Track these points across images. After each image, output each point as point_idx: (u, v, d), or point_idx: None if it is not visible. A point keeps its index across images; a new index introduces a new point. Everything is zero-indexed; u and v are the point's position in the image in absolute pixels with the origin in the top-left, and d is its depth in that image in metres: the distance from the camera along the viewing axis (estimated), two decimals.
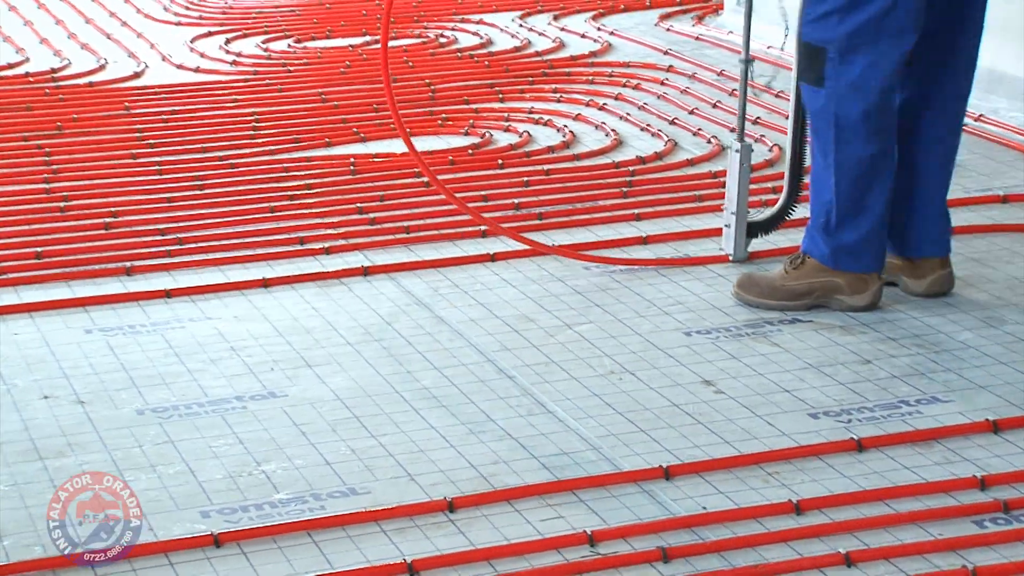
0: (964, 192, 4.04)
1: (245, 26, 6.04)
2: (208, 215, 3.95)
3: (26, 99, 5.00)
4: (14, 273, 3.57)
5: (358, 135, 4.63)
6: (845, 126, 3.24)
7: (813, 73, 3.25)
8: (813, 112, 3.30)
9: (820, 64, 3.23)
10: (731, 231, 3.53)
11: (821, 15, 3.21)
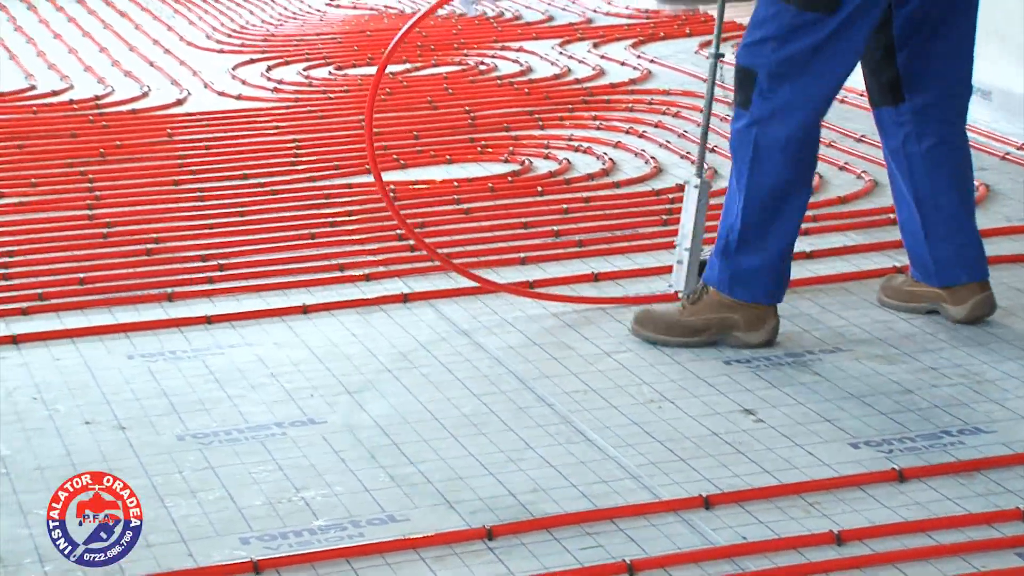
0: (1005, 220, 4.02)
1: (286, 54, 6.07)
2: (249, 242, 3.96)
3: (70, 126, 5.04)
4: (57, 299, 3.59)
5: (398, 162, 4.63)
6: (763, 151, 3.22)
7: (742, 95, 3.24)
8: (734, 132, 3.27)
9: (749, 87, 3.22)
10: (683, 267, 3.41)
11: (758, 40, 3.20)
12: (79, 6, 6.96)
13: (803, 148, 3.23)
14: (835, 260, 3.82)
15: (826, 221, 4.08)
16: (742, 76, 3.23)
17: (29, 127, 5.04)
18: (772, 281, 3.28)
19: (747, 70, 3.21)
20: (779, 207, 3.24)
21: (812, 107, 3.21)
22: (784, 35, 3.15)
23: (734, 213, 3.26)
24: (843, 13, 3.10)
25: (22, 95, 5.46)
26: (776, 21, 3.16)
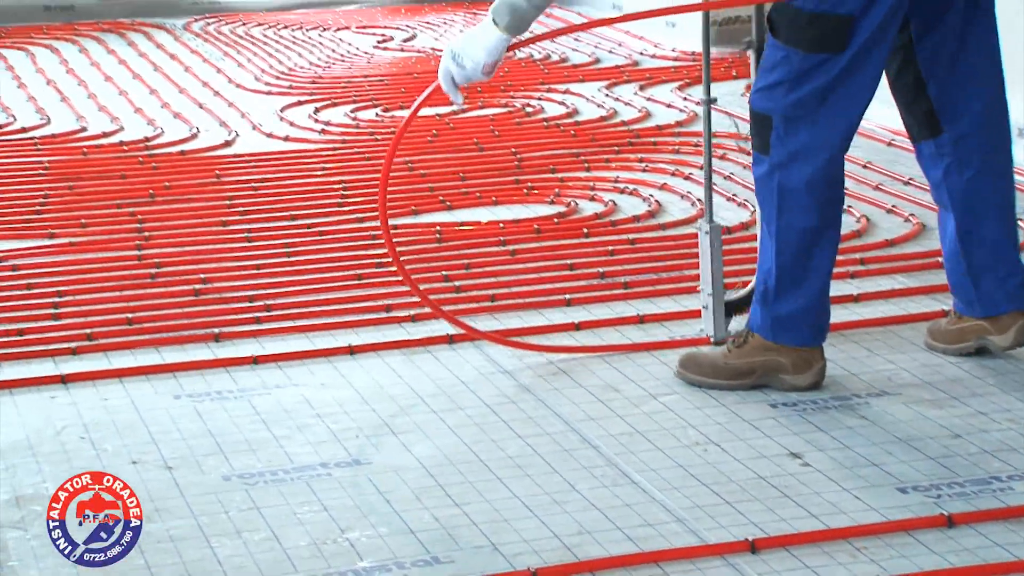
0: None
1: (334, 95, 6.11)
2: (296, 282, 3.98)
3: (120, 167, 5.08)
4: (105, 339, 3.61)
5: (444, 203, 4.65)
6: (788, 195, 3.20)
7: (760, 140, 3.23)
8: (757, 179, 3.27)
9: (766, 132, 3.21)
10: (709, 312, 3.47)
11: (770, 84, 3.19)
12: (130, 49, 7.02)
13: (827, 188, 3.21)
14: (882, 303, 3.80)
15: (873, 264, 4.06)
16: (757, 121, 3.22)
17: (80, 168, 5.08)
18: (814, 322, 3.27)
19: (762, 115, 3.20)
20: (812, 249, 3.23)
21: (831, 147, 3.20)
22: (795, 78, 3.14)
23: (769, 260, 3.25)
24: (852, 50, 3.08)
25: (73, 136, 5.51)
26: (786, 65, 3.14)
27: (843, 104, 3.16)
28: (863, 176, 4.84)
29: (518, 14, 3.12)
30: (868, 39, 3.08)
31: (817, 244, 3.23)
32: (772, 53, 3.18)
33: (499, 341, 3.53)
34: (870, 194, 4.67)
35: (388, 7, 8.05)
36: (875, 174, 4.86)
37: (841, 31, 3.08)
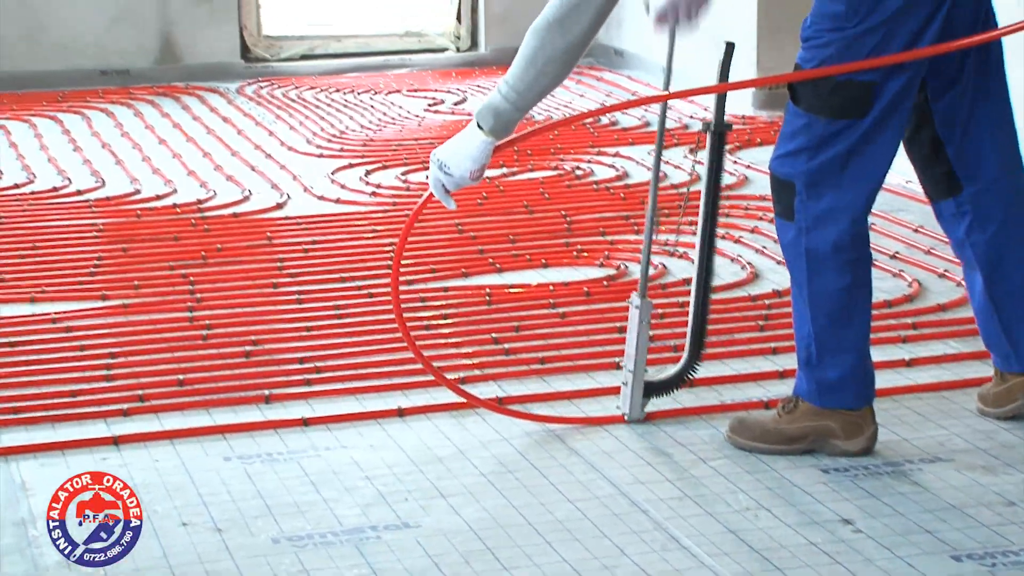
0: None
1: (385, 158, 6.14)
2: (346, 344, 3.99)
3: (173, 230, 5.11)
4: (157, 400, 3.63)
5: (494, 266, 4.66)
6: (816, 259, 3.20)
7: (782, 206, 3.23)
8: (784, 245, 3.26)
9: (789, 197, 3.20)
10: (628, 390, 3.45)
11: (792, 151, 3.19)
12: (184, 112, 7.09)
13: (854, 249, 3.21)
14: (935, 368, 3.79)
15: (925, 329, 4.04)
16: (780, 187, 3.22)
17: (133, 231, 5.12)
18: (859, 383, 3.25)
19: (784, 181, 3.20)
20: (847, 311, 3.22)
21: (855, 209, 3.19)
22: (817, 144, 3.14)
23: (806, 325, 3.24)
24: (873, 115, 3.10)
25: (127, 199, 5.55)
26: (807, 132, 3.15)
27: (866, 167, 3.16)
28: (915, 240, 4.82)
29: (502, 118, 3.20)
30: (889, 103, 3.10)
31: (851, 305, 3.22)
32: (793, 120, 3.18)
33: (494, 409, 3.53)
34: (922, 258, 4.65)
35: (439, 70, 8.10)
36: (926, 238, 4.84)
37: (863, 97, 3.09)
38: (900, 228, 4.98)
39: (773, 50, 6.67)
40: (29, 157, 6.18)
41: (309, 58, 8.09)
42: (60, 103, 7.24)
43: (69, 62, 7.63)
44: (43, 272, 4.66)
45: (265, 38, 8.03)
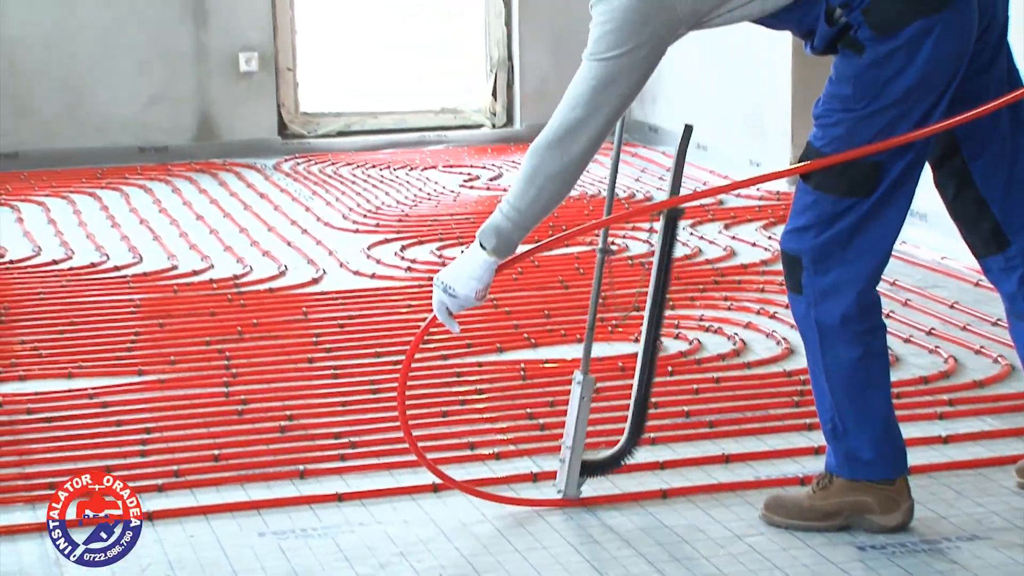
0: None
1: (420, 234, 6.17)
2: (381, 419, 4.00)
3: (209, 305, 5.14)
4: (192, 475, 3.64)
5: (529, 341, 4.67)
6: (826, 332, 3.20)
7: (792, 280, 3.24)
8: (797, 319, 3.27)
9: (798, 272, 3.21)
10: (565, 466, 3.43)
11: (800, 227, 3.20)
12: (221, 188, 7.14)
13: (862, 320, 3.20)
14: (972, 445, 3.76)
15: (962, 405, 4.02)
16: (789, 262, 3.24)
17: (170, 306, 5.15)
18: (888, 454, 3.24)
19: (792, 256, 3.22)
20: (864, 380, 3.22)
21: (860, 283, 3.19)
22: (824, 221, 3.16)
23: (826, 398, 3.24)
24: (879, 192, 3.12)
25: (164, 275, 5.59)
26: (816, 209, 3.17)
27: (870, 242, 3.18)
28: (950, 316, 4.81)
29: (504, 237, 3.25)
30: (894, 181, 3.13)
31: (868, 376, 3.22)
32: (802, 197, 3.20)
33: (473, 493, 3.49)
34: (958, 334, 4.64)
35: (475, 146, 8.15)
36: (962, 314, 4.83)
37: (871, 176, 3.12)
38: (936, 304, 4.96)
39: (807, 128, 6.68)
40: (67, 233, 6.24)
41: (346, 134, 8.16)
42: (99, 180, 7.31)
43: (108, 139, 7.71)
44: (80, 347, 4.69)
45: (302, 115, 8.10)
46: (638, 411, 3.50)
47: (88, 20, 7.60)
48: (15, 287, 5.40)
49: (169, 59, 7.71)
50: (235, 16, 7.77)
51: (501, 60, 8.23)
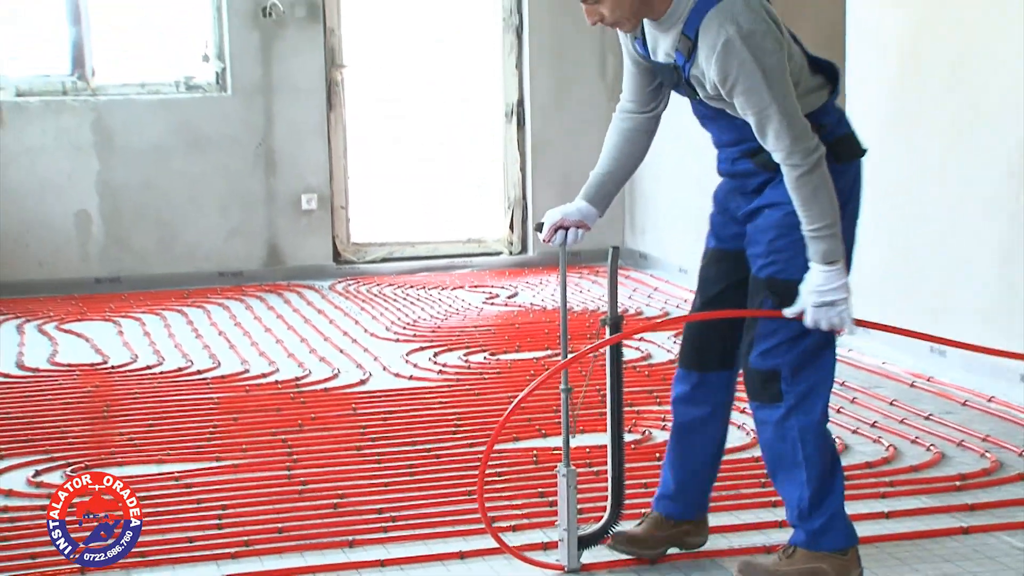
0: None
1: (450, 342, 6.18)
2: (417, 497, 3.99)
3: (275, 403, 5.15)
4: (260, 545, 3.63)
5: (540, 432, 4.66)
6: (809, 430, 3.14)
7: (768, 393, 3.14)
8: (772, 424, 3.16)
9: (776, 384, 3.13)
10: (564, 544, 3.40)
11: (773, 346, 3.12)
12: (286, 305, 7.17)
13: (828, 414, 3.20)
14: (909, 520, 3.75)
15: (901, 486, 4.01)
16: (765, 378, 3.14)
17: (243, 403, 5.16)
18: (847, 525, 3.22)
19: (769, 372, 3.14)
20: (835, 466, 3.20)
21: (832, 380, 3.18)
22: (796, 336, 3.11)
23: (799, 486, 3.18)
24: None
25: (238, 377, 5.61)
26: (787, 327, 3.11)
27: (835, 348, 3.17)
28: (890, 412, 4.80)
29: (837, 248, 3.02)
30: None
31: (835, 460, 3.20)
32: (769, 322, 3.12)
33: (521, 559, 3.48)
34: (896, 427, 4.63)
35: (495, 270, 8.18)
36: (900, 410, 4.82)
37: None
38: (878, 401, 4.96)
39: None
40: (159, 343, 6.27)
41: (388, 260, 8.20)
42: (185, 299, 7.35)
43: (194, 266, 7.76)
44: (168, 438, 4.69)
45: (353, 244, 8.15)
46: (615, 489, 3.47)
47: (179, 170, 7.69)
48: (116, 388, 5.42)
49: (245, 201, 7.79)
50: (298, 165, 7.86)
51: (517, 199, 8.30)
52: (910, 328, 3.63)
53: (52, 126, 7.51)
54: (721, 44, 2.90)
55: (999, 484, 3.99)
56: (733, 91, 2.94)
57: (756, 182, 3.13)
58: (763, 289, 3.13)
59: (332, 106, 7.92)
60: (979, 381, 5.02)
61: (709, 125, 3.18)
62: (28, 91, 7.54)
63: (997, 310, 4.97)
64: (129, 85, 7.69)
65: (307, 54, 7.78)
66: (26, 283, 7.53)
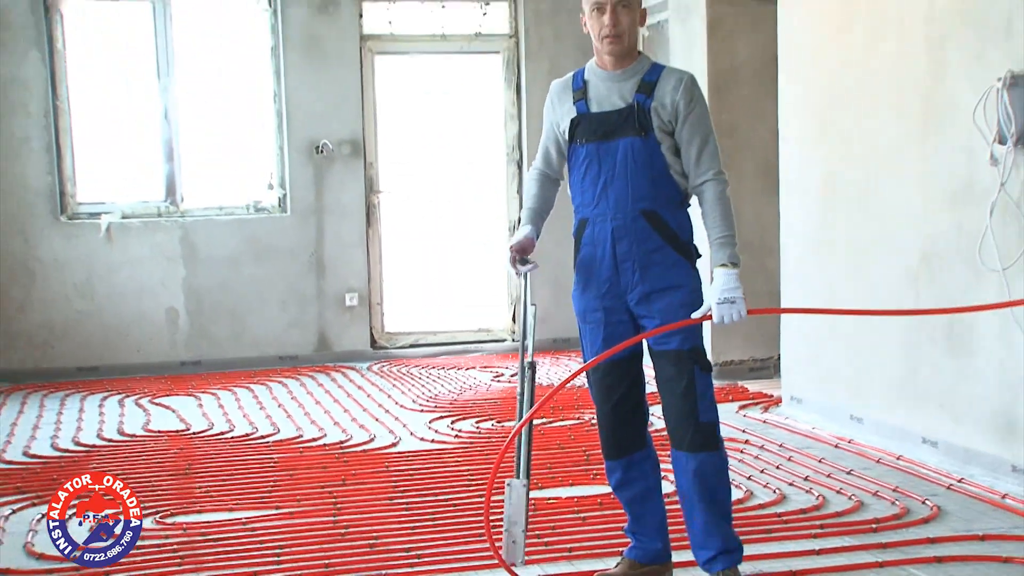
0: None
1: (465, 412, 6.16)
2: (439, 537, 3.96)
3: (323, 462, 5.12)
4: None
5: (536, 484, 4.61)
6: (726, 463, 3.15)
7: (714, 441, 3.09)
8: (716, 470, 3.09)
9: (717, 432, 3.10)
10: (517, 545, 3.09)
11: (709, 403, 3.08)
12: (332, 383, 7.17)
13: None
14: (836, 555, 3.69)
15: (829, 528, 3.96)
16: (711, 429, 3.11)
17: (296, 462, 5.13)
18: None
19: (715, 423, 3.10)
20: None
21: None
22: (713, 393, 3.13)
23: (726, 515, 3.16)
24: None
25: (293, 441, 5.59)
26: (711, 388, 3.10)
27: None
28: (819, 468, 4.77)
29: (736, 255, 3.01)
30: None
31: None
32: (705, 380, 3.07)
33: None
34: (824, 480, 4.60)
35: (500, 354, 8.19)
36: (827, 467, 4.80)
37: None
38: (809, 459, 4.93)
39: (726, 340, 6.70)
40: (231, 414, 6.26)
41: (415, 346, 8.21)
42: (252, 378, 7.35)
43: (258, 351, 7.77)
44: (237, 491, 4.68)
45: (386, 333, 8.17)
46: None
47: (248, 275, 7.74)
48: (196, 450, 5.40)
49: (300, 299, 7.83)
50: (343, 270, 7.91)
51: (517, 297, 8.33)
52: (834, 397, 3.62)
53: (148, 241, 7.58)
54: (687, 78, 3.06)
55: (907, 527, 3.97)
56: (691, 114, 3.01)
57: (652, 244, 3.05)
58: (689, 358, 3.08)
59: (370, 223, 7.99)
60: (889, 443, 5.00)
61: (618, 182, 3.06)
62: (131, 214, 7.63)
63: (902, 385, 4.98)
64: (210, 208, 7.77)
65: (350, 183, 7.87)
66: (126, 365, 7.55)
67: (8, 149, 7.36)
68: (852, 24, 5.22)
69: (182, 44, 7.64)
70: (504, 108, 8.16)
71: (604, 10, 3.03)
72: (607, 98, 3.09)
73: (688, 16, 6.74)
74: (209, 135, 7.76)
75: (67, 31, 7.42)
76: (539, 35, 8.03)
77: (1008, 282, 4.31)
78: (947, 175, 4.64)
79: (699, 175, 3.02)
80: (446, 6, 8.04)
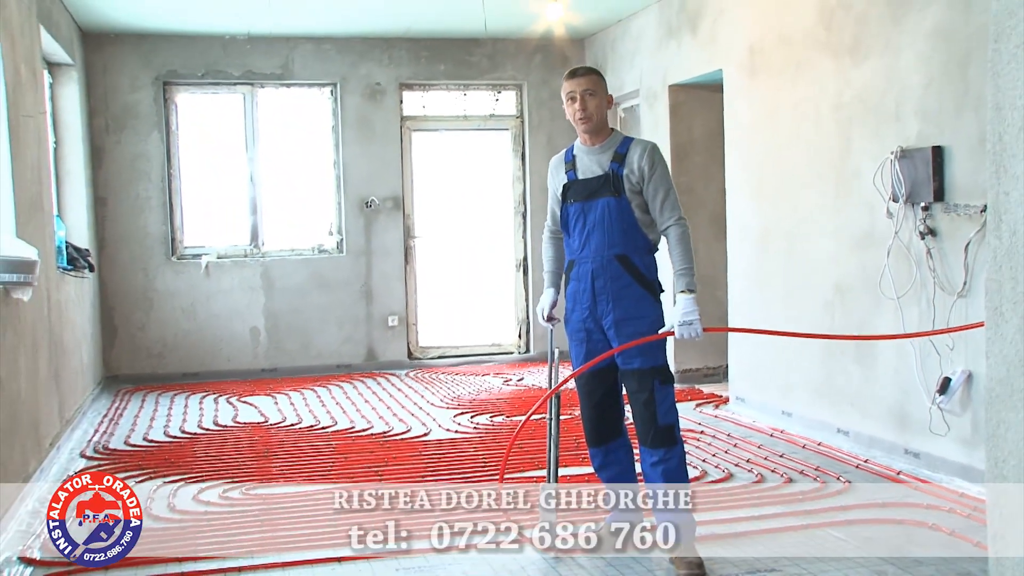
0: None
1: (482, 409, 6.12)
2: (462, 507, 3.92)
3: (371, 446, 5.10)
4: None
5: (536, 464, 4.60)
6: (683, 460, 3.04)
7: (673, 438, 3.01)
8: (678, 458, 3.02)
9: (674, 432, 3.01)
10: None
11: (668, 407, 3.01)
12: (378, 386, 7.15)
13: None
14: (771, 520, 3.64)
15: (765, 500, 3.91)
16: (670, 429, 3.02)
17: (349, 447, 5.10)
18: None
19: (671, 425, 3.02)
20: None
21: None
22: (673, 400, 3.07)
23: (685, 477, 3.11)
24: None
25: (348, 431, 5.55)
26: (670, 396, 3.04)
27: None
28: (757, 452, 4.69)
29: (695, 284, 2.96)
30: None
31: None
32: (665, 391, 3.03)
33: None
34: (762, 462, 4.55)
35: (509, 363, 8.17)
36: (764, 451, 4.74)
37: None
38: (750, 446, 4.89)
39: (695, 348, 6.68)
40: (299, 410, 6.24)
41: (443, 357, 8.19)
42: (315, 382, 7.34)
43: (321, 361, 7.78)
44: (304, 469, 4.65)
45: (420, 347, 8.15)
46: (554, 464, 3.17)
47: (313, 302, 7.78)
48: (272, 438, 5.40)
49: (353, 320, 7.84)
50: (386, 297, 7.92)
51: (522, 319, 8.32)
52: (770, 396, 3.63)
53: (237, 276, 7.62)
54: (649, 147, 3.08)
55: (825, 497, 3.95)
56: (654, 174, 3.03)
57: (623, 282, 3.05)
58: (649, 375, 3.05)
59: (407, 261, 8.01)
60: (812, 433, 5.00)
61: (597, 232, 3.07)
62: (224, 255, 7.69)
63: (822, 387, 4.99)
64: (284, 250, 7.81)
65: (392, 230, 7.90)
66: (219, 371, 7.56)
67: (135, 206, 7.46)
68: (779, 109, 5.29)
69: (265, 124, 7.74)
70: (512, 172, 8.22)
71: (575, 99, 3.10)
72: (589, 167, 3.16)
73: (655, 101, 6.83)
74: (284, 194, 7.84)
75: (180, 116, 7.55)
76: (539, 116, 8.10)
77: (902, 308, 4.35)
78: (854, 226, 4.69)
79: (664, 220, 3.06)
80: (467, 94, 8.13)
